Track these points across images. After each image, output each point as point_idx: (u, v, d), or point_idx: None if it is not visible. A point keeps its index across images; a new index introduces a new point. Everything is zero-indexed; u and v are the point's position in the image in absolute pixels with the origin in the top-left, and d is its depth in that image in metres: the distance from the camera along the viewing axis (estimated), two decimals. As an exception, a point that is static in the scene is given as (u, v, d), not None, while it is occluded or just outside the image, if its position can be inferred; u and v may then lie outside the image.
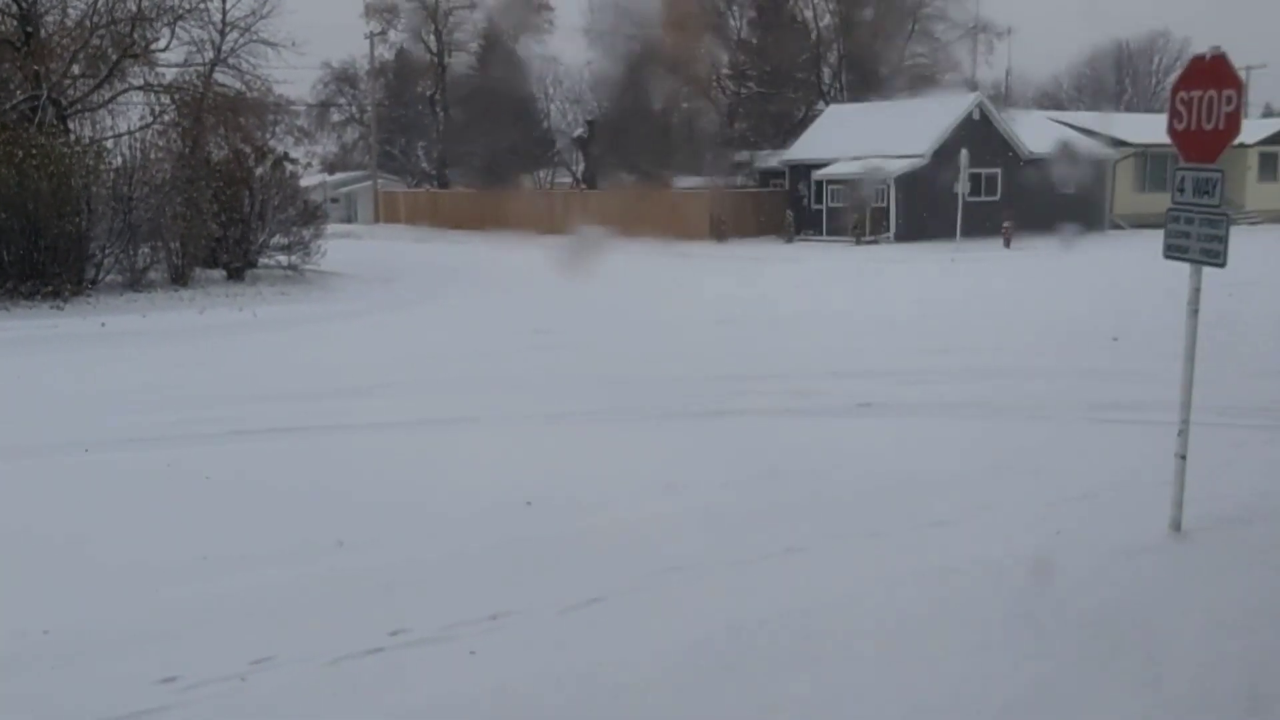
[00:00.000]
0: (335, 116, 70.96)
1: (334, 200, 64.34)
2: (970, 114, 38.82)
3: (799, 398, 11.69)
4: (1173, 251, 6.60)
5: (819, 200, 40.32)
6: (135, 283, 22.32)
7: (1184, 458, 6.51)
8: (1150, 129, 40.24)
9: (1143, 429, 9.43)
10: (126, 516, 8.01)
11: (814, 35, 54.96)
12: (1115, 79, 68.90)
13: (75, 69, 26.22)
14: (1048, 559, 6.38)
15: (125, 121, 27.58)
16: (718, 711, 4.67)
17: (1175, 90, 6.46)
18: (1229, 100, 6.15)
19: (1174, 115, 6.47)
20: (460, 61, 67.18)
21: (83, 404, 12.10)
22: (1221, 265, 6.27)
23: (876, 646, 5.29)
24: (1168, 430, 6.78)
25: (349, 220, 62.05)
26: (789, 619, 5.72)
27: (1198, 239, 6.39)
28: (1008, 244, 34.61)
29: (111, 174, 23.05)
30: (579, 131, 56.04)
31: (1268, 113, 59.67)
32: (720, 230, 40.63)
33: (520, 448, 9.96)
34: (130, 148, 24.85)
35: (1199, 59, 6.35)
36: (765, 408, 11.33)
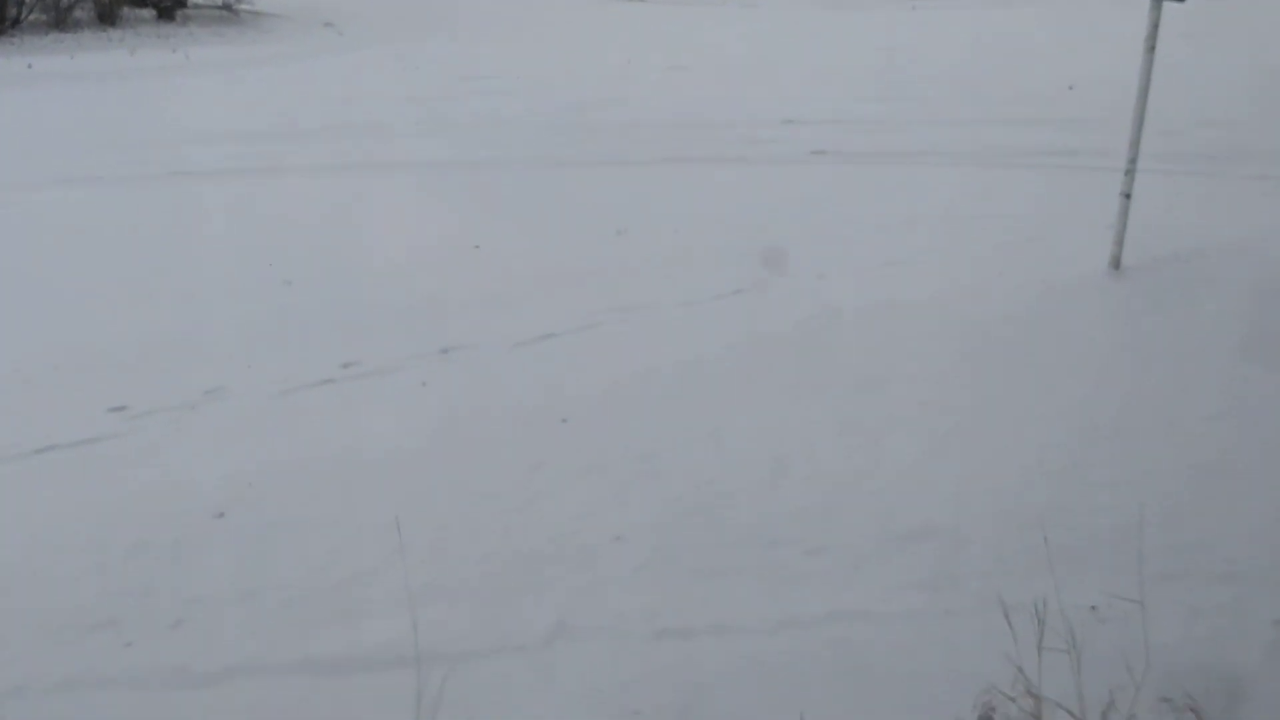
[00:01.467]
0: None
1: (267, -61, 60.67)
2: None
3: (750, 145, 11.54)
4: (1136, -16, 6.42)
5: (778, -56, 38.55)
6: (60, 22, 21.19)
7: (1129, 196, 6.56)
8: None
9: (1092, 175, 9.46)
10: (66, 254, 7.89)
11: None
12: None
13: None
14: (988, 297, 6.49)
15: None
16: (662, 436, 4.81)
17: None
18: None
19: None
20: None
21: (14, 145, 11.69)
22: (1182, 0, 6.11)
23: (822, 379, 5.42)
24: (1117, 176, 6.79)
25: (284, -39, 58.70)
26: (737, 353, 5.84)
27: (1163, -30, 6.21)
28: (970, -7, 33.59)
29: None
30: None
31: None
32: (675, -25, 38.93)
33: (466, 191, 9.82)
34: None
35: None
36: (716, 155, 11.19)
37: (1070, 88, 14.48)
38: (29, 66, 17.53)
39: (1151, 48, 6.39)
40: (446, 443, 4.85)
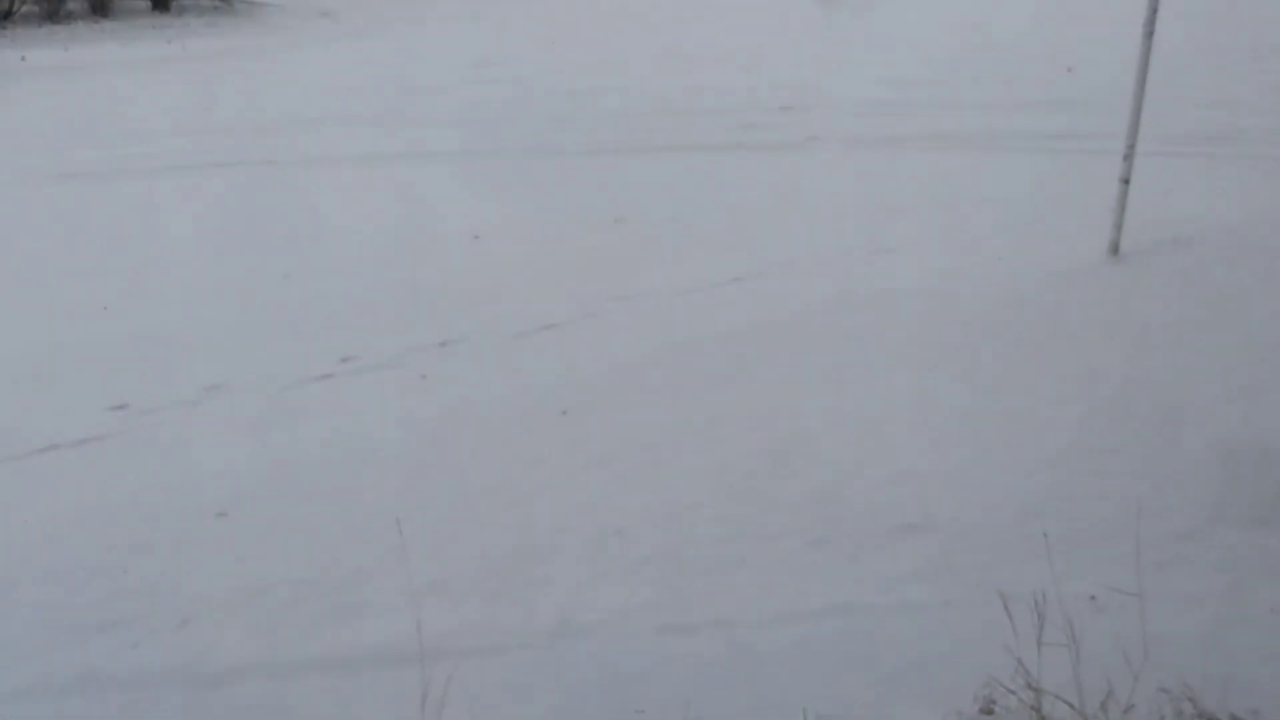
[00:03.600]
0: None
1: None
2: None
3: (747, 132, 11.53)
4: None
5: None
6: (53, 14, 21.12)
7: (1127, 182, 6.55)
8: None
9: (1091, 158, 9.44)
10: (61, 250, 7.89)
11: None
12: None
13: None
14: (986, 283, 6.50)
15: None
16: (663, 426, 4.82)
17: None
18: None
19: None
20: None
21: (6, 140, 11.67)
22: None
23: (819, 367, 5.43)
24: (1115, 160, 6.79)
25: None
26: (735, 340, 5.85)
27: (1159, -45, 6.19)
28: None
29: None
30: None
31: None
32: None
33: (463, 182, 9.82)
34: None
35: None
36: (712, 143, 11.19)
37: (1069, 70, 14.46)
38: (22, 59, 17.49)
39: (1150, 33, 6.37)
40: (447, 437, 4.86)
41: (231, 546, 4.02)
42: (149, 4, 23.16)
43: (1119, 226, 6.62)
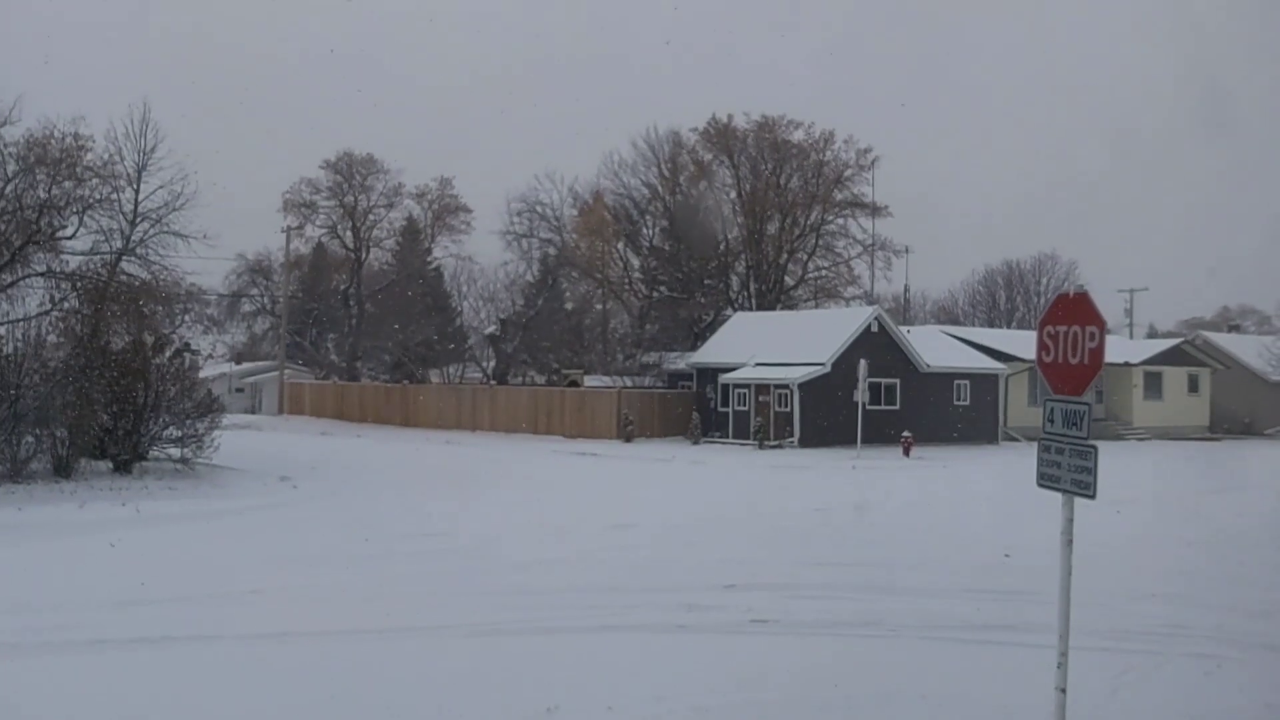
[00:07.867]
0: (246, 307, 70.86)
1: (239, 390, 63.57)
2: (869, 326, 40.15)
3: (690, 612, 11.42)
4: (1045, 480, 6.67)
5: (725, 403, 40.89)
6: (15, 474, 21.38)
7: (1064, 691, 6.41)
8: (1041, 345, 42.07)
9: (1034, 652, 9.33)
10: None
11: (722, 245, 56.95)
12: (1007, 297, 72.32)
13: (-26, 253, 25.74)
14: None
15: (23, 307, 27.00)
16: None
17: (1042, 325, 6.65)
18: (1092, 336, 6.34)
19: (1042, 348, 6.65)
20: (376, 257, 68.04)
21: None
22: (1091, 497, 6.33)
23: None
24: (1054, 656, 6.69)
25: (253, 410, 61.14)
26: None
27: (1068, 469, 6.46)
28: (907, 453, 35.26)
29: (2, 360, 22.42)
30: (491, 329, 56.57)
31: (1151, 333, 62.68)
32: (627, 430, 40.83)
33: (395, 664, 9.49)
34: (25, 334, 24.36)
35: (1064, 296, 6.58)
36: (655, 623, 11.02)
37: (1007, 555, 14.74)
38: (-28, 518, 17.46)
39: (1069, 541, 6.52)
40: None
41: None
42: (111, 466, 23.60)
43: (1062, 739, 6.39)
